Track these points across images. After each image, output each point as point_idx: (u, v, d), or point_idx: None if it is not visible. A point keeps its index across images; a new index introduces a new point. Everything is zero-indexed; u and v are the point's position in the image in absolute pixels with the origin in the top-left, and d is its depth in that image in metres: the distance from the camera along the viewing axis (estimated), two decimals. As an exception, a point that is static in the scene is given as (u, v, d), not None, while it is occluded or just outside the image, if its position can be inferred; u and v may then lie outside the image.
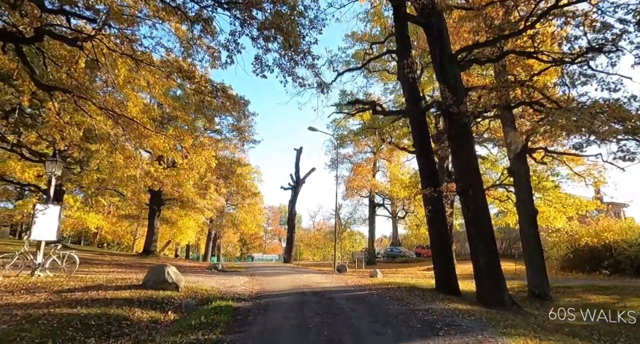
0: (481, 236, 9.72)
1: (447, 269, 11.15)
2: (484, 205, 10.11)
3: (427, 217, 11.34)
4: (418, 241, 46.88)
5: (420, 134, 12.09)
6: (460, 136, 10.29)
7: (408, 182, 30.62)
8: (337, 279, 13.54)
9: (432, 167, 12.03)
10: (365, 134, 28.03)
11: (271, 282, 12.14)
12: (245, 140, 27.61)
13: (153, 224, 24.64)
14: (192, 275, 13.10)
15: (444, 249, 11.32)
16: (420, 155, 12.05)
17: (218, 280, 11.88)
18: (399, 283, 12.22)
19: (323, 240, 32.05)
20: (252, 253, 71.17)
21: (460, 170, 10.31)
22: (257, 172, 58.65)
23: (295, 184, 32.83)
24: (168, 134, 10.79)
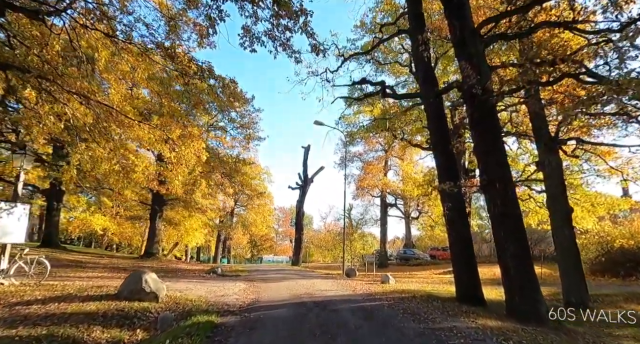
0: (511, 238, 8.24)
1: (470, 276, 9.69)
2: (514, 201, 8.63)
3: (445, 217, 9.91)
4: (432, 243, 45.12)
5: (437, 122, 10.68)
6: (485, 120, 8.84)
7: (422, 181, 29.10)
8: (345, 286, 12.18)
9: (450, 160, 10.59)
10: (376, 130, 26.51)
11: (270, 289, 10.86)
12: (250, 137, 26.47)
13: (154, 226, 23.69)
14: (184, 281, 11.92)
15: (466, 252, 9.85)
16: (437, 145, 10.63)
17: (210, 287, 10.66)
18: (414, 291, 10.80)
19: (333, 241, 30.70)
20: (263, 255, 70.25)
21: (484, 160, 8.85)
22: (267, 173, 57.76)
23: (303, 184, 31.55)
24: (152, 124, 9.61)
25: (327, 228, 61.01)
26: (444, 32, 14.28)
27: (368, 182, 33.41)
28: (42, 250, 20.99)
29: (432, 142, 10.89)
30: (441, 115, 10.83)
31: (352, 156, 36.05)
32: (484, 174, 8.84)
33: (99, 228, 34.61)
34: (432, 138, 10.85)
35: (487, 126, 8.87)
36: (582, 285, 10.55)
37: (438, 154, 10.64)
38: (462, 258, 9.89)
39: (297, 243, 30.86)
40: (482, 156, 8.97)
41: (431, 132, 10.96)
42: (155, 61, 9.17)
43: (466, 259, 9.86)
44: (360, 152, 36.58)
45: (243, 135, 26.47)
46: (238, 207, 58.68)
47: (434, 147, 10.89)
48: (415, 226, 44.16)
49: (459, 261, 9.96)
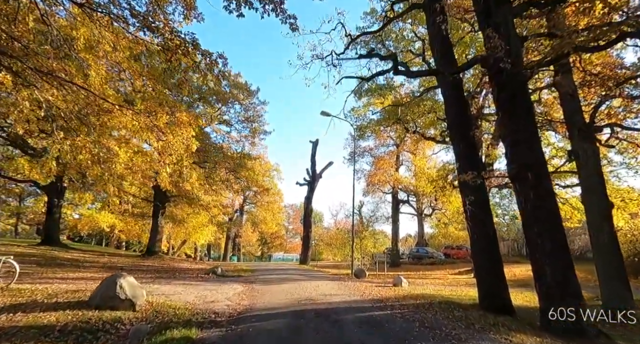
0: (547, 235, 6.98)
1: (496, 280, 8.44)
2: (549, 192, 7.35)
3: (466, 212, 8.65)
4: (446, 241, 43.60)
5: (456, 104, 9.43)
6: (514, 99, 7.56)
7: (436, 176, 27.67)
8: (352, 289, 11.02)
9: (471, 148, 9.33)
10: (387, 123, 25.19)
11: (268, 293, 9.76)
12: (256, 131, 25.42)
13: (157, 223, 22.88)
14: (177, 283, 10.91)
15: (491, 252, 8.60)
16: (457, 131, 9.37)
17: (203, 291, 9.61)
18: (431, 297, 9.58)
19: (342, 239, 29.56)
20: (273, 252, 69.64)
21: (514, 146, 7.57)
22: (277, 169, 56.88)
23: (312, 180, 30.41)
24: (136, 109, 8.57)
25: (337, 226, 59.91)
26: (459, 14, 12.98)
27: (379, 178, 32.11)
28: (41, 248, 20.38)
29: (451, 128, 9.63)
30: (460, 96, 9.57)
31: (362, 150, 34.76)
32: (514, 162, 7.58)
33: (106, 225, 34.12)
34: (451, 123, 9.59)
35: (517, 106, 7.59)
36: (625, 290, 9.20)
37: (457, 141, 9.37)
38: (486, 259, 8.66)
39: (305, 241, 29.75)
40: (511, 141, 7.69)
41: (449, 117, 9.69)
42: (137, 36, 8.11)
43: (491, 260, 8.61)
44: (371, 147, 35.25)
45: (248, 129, 25.44)
46: (247, 204, 58.07)
47: (452, 133, 9.64)
48: (428, 223, 42.69)
49: (483, 262, 8.72)
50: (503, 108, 7.85)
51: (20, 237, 42.28)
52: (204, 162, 22.50)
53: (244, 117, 24.85)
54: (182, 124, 8.94)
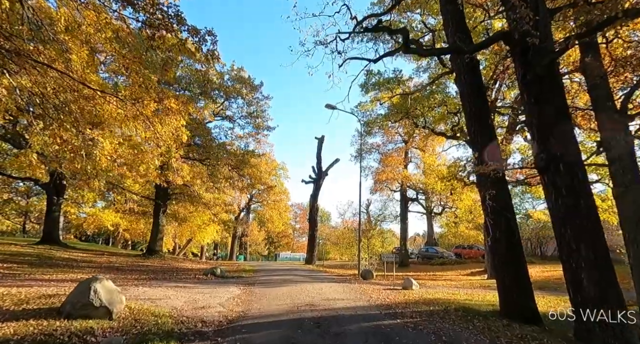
0: (584, 238, 6.05)
1: (519, 284, 7.50)
2: (586, 188, 6.40)
3: (486, 209, 7.71)
4: (456, 240, 42.41)
5: (472, 88, 8.50)
6: (543, 80, 6.62)
7: (446, 173, 26.62)
8: (358, 293, 10.15)
9: (491, 137, 8.39)
10: (395, 117, 24.20)
11: (266, 297, 8.93)
12: (259, 127, 24.64)
13: (158, 221, 22.23)
14: (169, 285, 10.13)
15: (514, 253, 7.65)
16: (474, 118, 8.44)
17: (195, 294, 8.82)
18: (445, 302, 8.67)
19: (349, 239, 28.69)
20: (280, 251, 69.09)
21: (543, 134, 6.63)
22: (284, 168, 56.17)
23: (317, 177, 29.54)
24: (120, 95, 7.80)
25: (344, 225, 59.04)
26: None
27: (387, 175, 31.16)
28: (40, 247, 19.85)
29: (468, 117, 8.68)
30: (478, 81, 8.63)
31: (370, 147, 33.80)
32: (543, 152, 6.63)
33: (110, 224, 33.68)
34: (468, 111, 8.64)
35: (546, 88, 6.64)
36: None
37: (475, 131, 8.43)
38: (508, 260, 7.71)
39: (310, 241, 28.90)
40: (539, 128, 6.74)
41: (465, 104, 8.74)
42: (119, 13, 7.33)
43: (514, 262, 7.66)
44: (379, 144, 34.26)
45: (251, 125, 24.69)
46: (254, 203, 57.47)
47: (469, 122, 8.70)
48: (437, 222, 41.55)
49: (504, 264, 7.78)
50: (529, 91, 6.90)
51: (28, 236, 42.14)
52: (206, 159, 21.80)
53: (247, 112, 24.08)
54: (171, 112, 8.14)
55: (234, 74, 23.12)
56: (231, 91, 22.98)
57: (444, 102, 22.13)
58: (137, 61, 7.73)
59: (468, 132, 8.95)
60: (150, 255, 21.40)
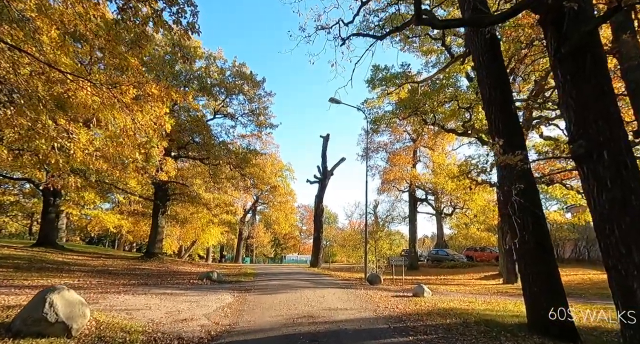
0: (635, 238, 4.98)
1: (552, 294, 6.42)
2: (636, 177, 5.32)
3: (512, 206, 6.64)
4: (467, 242, 41.03)
5: (493, 71, 7.48)
6: (581, 53, 5.57)
7: (457, 172, 25.47)
8: (364, 301, 9.13)
9: (514, 124, 7.35)
10: (404, 114, 23.07)
11: (260, 307, 7.97)
12: (261, 124, 23.73)
13: (157, 223, 21.42)
14: (156, 292, 9.22)
15: (545, 256, 6.59)
16: (495, 104, 7.40)
17: (180, 303, 7.89)
18: (463, 313, 7.62)
19: (355, 240, 27.66)
20: (287, 253, 68.33)
21: (581, 116, 5.58)
22: (290, 169, 55.34)
23: (323, 177, 28.55)
24: (94, 79, 6.92)
25: (351, 226, 58.00)
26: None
27: (395, 174, 30.06)
28: (34, 250, 19.18)
29: (487, 103, 7.65)
30: (498, 60, 7.61)
31: (377, 146, 32.74)
32: (580, 137, 5.58)
33: (112, 226, 33.06)
34: (487, 96, 7.61)
35: (584, 62, 5.59)
36: None
37: (496, 118, 7.39)
38: (537, 265, 6.64)
39: (315, 243, 27.88)
40: (576, 111, 5.68)
41: (484, 87, 7.71)
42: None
43: (544, 267, 6.59)
44: (386, 143, 33.17)
45: (254, 122, 23.78)
46: (260, 204, 56.72)
47: (488, 108, 7.65)
48: (447, 224, 40.28)
49: (532, 269, 6.70)
50: (565, 67, 5.84)
51: (34, 237, 41.72)
52: (206, 158, 20.99)
53: (249, 109, 23.20)
54: (152, 99, 7.24)
55: (235, 70, 22.29)
56: (232, 87, 22.14)
57: (455, 97, 21.07)
58: (111, 41, 6.85)
59: (488, 121, 7.90)
60: (149, 258, 20.59)
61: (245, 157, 22.36)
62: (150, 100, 7.20)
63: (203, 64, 22.42)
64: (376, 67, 23.14)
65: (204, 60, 22.50)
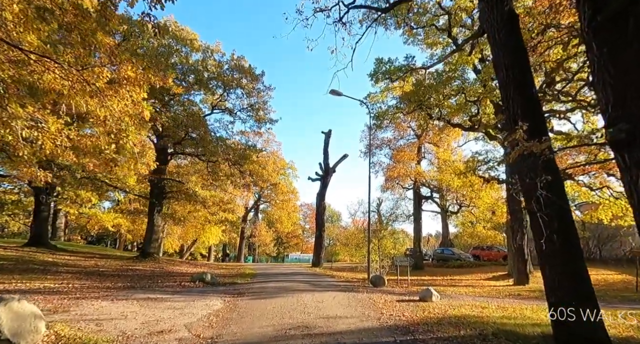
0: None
1: (582, 300, 5.56)
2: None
3: (536, 201, 5.78)
4: (472, 241, 40.09)
5: (510, 46, 6.64)
6: (621, 23, 4.68)
7: (464, 168, 24.56)
8: (367, 307, 8.31)
9: (536, 107, 6.50)
10: (408, 107, 22.10)
11: (251, 314, 7.17)
12: (260, 120, 22.91)
13: (152, 221, 20.68)
14: (139, 297, 8.45)
15: (574, 259, 5.73)
16: (512, 85, 6.56)
17: (161, 311, 7.10)
18: (476, 320, 6.79)
19: (358, 239, 26.84)
20: (290, 252, 67.75)
21: (621, 93, 4.70)
22: (292, 167, 54.56)
23: (324, 174, 27.72)
24: (62, 61, 6.14)
25: (354, 225, 57.20)
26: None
27: (399, 171, 29.16)
28: (25, 250, 18.52)
29: (504, 84, 6.78)
30: (517, 37, 6.75)
31: (380, 143, 31.89)
32: (621, 120, 4.70)
33: (110, 225, 32.46)
34: (504, 76, 6.75)
35: (624, 34, 4.72)
36: None
37: (515, 101, 6.54)
38: (564, 268, 5.77)
39: (317, 242, 27.06)
40: (614, 86, 4.78)
41: (500, 68, 6.85)
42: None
43: (573, 269, 5.71)
44: (390, 139, 32.32)
45: (253, 118, 22.98)
46: (262, 203, 56.04)
47: (505, 91, 6.79)
48: (452, 222, 39.33)
49: (557, 271, 5.82)
50: (600, 38, 4.94)
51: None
52: (203, 154, 20.25)
53: (248, 104, 22.38)
54: (128, 83, 6.44)
55: (233, 64, 21.49)
56: (230, 80, 21.34)
57: (462, 90, 20.18)
58: (78, 15, 6.05)
59: (505, 107, 7.03)
60: (145, 258, 19.88)
61: (244, 153, 21.59)
62: (126, 84, 6.39)
63: (200, 57, 21.68)
64: (379, 60, 22.28)
65: (200, 54, 21.77)
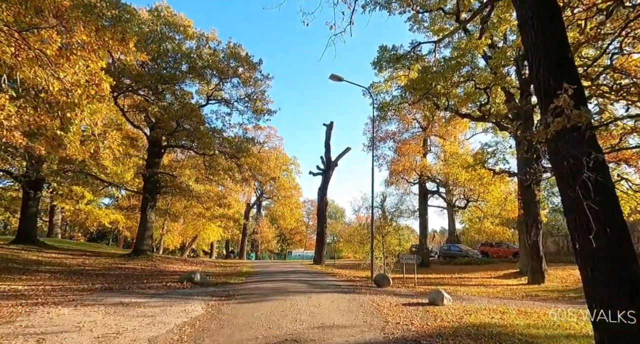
0: None
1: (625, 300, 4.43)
2: None
3: (579, 186, 4.65)
4: (480, 237, 38.86)
5: (540, 4, 5.47)
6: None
7: (472, 161, 23.36)
8: (369, 313, 7.23)
9: (574, 74, 5.34)
10: (413, 97, 20.79)
11: (234, 322, 6.12)
12: (259, 111, 21.80)
13: (145, 218, 19.70)
14: (110, 301, 7.43)
15: (625, 258, 4.58)
16: (545, 48, 5.40)
17: (128, 320, 6.07)
18: (500, 330, 5.70)
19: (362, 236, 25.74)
20: (293, 249, 67.03)
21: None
22: (295, 163, 53.53)
23: (326, 168, 26.60)
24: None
25: (358, 221, 56.08)
26: None
27: (403, 165, 27.96)
28: (11, 247, 17.60)
29: (533, 48, 5.61)
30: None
31: (384, 135, 30.65)
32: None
33: (107, 221, 31.61)
34: (532, 39, 5.58)
35: None
36: None
37: (543, 65, 5.39)
38: (613, 266, 4.64)
39: (319, 238, 26.00)
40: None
41: (527, 31, 5.65)
42: None
43: (625, 269, 4.58)
44: (394, 131, 31.05)
45: (250, 109, 21.87)
46: (264, 199, 55.15)
47: (535, 58, 5.62)
48: (458, 217, 38.09)
49: (608, 273, 4.68)
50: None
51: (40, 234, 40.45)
52: (197, 146, 19.24)
53: (245, 93, 21.30)
54: (83, 49, 5.37)
55: (229, 52, 20.36)
56: (225, 68, 20.23)
57: (471, 77, 19.01)
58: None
59: (533, 77, 5.87)
60: (137, 256, 18.92)
61: (242, 146, 20.51)
62: (78, 49, 5.32)
63: (194, 45, 20.61)
64: (383, 48, 21.11)
65: (195, 41, 20.68)
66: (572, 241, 5.02)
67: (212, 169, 22.26)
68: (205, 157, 20.88)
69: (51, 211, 36.20)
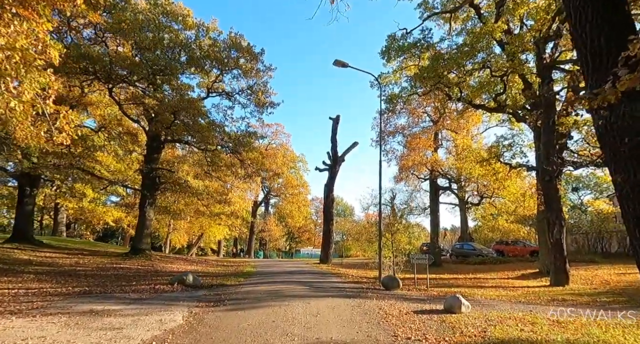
0: None
1: None
2: None
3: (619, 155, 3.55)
4: (493, 235, 37.37)
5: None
6: None
7: (487, 155, 22.04)
8: (375, 324, 6.19)
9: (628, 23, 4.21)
10: (425, 86, 19.43)
11: (212, 339, 5.15)
12: (261, 104, 20.85)
13: (144, 215, 18.92)
14: (78, 309, 6.53)
15: None
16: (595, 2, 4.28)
17: (88, 333, 5.14)
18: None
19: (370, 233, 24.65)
20: (301, 247, 66.22)
21: None
22: (303, 160, 52.57)
23: (333, 164, 25.58)
24: None
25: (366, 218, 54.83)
26: None
27: (413, 160, 26.70)
28: (6, 246, 17.03)
29: (577, 4, 4.51)
30: None
31: (394, 130, 29.41)
32: None
33: (110, 219, 31.08)
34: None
35: None
36: None
37: (592, 24, 4.28)
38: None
39: (325, 236, 24.98)
40: None
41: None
42: None
43: None
44: (403, 126, 29.81)
45: (253, 101, 20.94)
46: (272, 197, 54.38)
47: (577, 12, 4.52)
48: (471, 215, 36.66)
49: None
50: None
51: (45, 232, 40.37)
52: (196, 141, 18.39)
53: (247, 85, 20.36)
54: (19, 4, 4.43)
55: (230, 42, 19.44)
56: (225, 58, 19.31)
57: (487, 64, 17.77)
58: None
59: (578, 42, 4.75)
60: (135, 255, 18.15)
61: (243, 140, 19.59)
62: (14, 5, 4.37)
63: (193, 35, 19.75)
64: (392, 37, 20.00)
65: (194, 31, 19.80)
66: (629, 236, 3.92)
67: (215, 165, 21.44)
68: (207, 152, 20.06)
69: (55, 209, 35.91)
